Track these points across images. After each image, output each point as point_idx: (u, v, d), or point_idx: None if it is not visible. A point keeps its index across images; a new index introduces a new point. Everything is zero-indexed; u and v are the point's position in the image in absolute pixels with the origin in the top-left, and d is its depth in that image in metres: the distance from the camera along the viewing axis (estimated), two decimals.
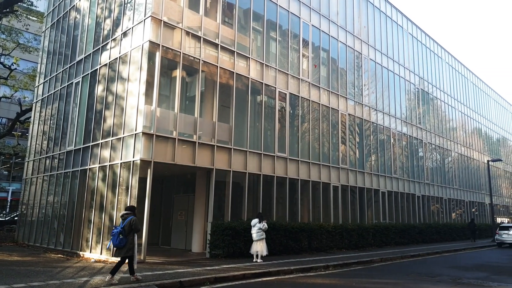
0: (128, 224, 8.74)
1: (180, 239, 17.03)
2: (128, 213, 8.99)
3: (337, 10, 22.44)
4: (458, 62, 36.74)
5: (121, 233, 8.62)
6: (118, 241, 8.60)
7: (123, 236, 8.63)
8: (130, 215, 8.95)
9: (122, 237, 8.61)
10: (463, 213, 33.51)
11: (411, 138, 27.58)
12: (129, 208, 9.25)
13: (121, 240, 8.59)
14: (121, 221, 8.97)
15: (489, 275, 11.81)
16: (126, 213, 9.01)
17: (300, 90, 19.00)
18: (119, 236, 8.60)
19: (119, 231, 8.65)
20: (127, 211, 9.07)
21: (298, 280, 10.39)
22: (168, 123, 13.89)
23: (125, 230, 8.69)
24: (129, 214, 8.98)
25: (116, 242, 8.61)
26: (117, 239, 8.59)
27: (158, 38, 13.63)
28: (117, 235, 8.61)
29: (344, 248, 18.18)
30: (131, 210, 9.11)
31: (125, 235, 8.65)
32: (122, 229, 8.68)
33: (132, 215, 8.96)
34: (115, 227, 8.99)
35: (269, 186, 16.86)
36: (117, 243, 8.61)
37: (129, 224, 8.74)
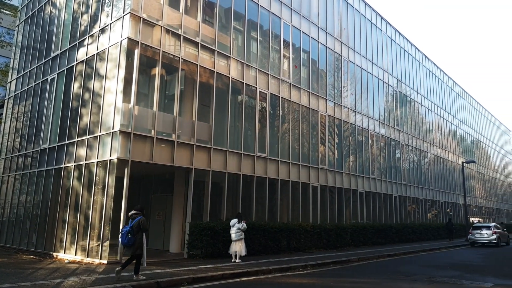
0: (136, 223, 9.10)
1: (157, 240, 16.79)
2: (137, 213, 9.32)
3: (317, 11, 22.61)
4: (434, 66, 37.60)
5: (129, 232, 8.97)
6: (126, 240, 8.96)
7: (132, 235, 8.98)
8: (139, 215, 9.29)
9: (130, 236, 8.96)
10: (438, 213, 34.32)
11: (389, 139, 28.04)
12: (138, 208, 9.52)
13: (129, 239, 8.95)
14: (129, 221, 9.29)
15: (462, 273, 12.10)
16: (135, 213, 9.33)
17: (281, 91, 19.05)
18: (128, 235, 8.96)
19: (128, 230, 9.00)
20: (136, 211, 9.36)
21: (276, 280, 10.39)
22: (147, 121, 13.68)
23: (134, 229, 9.04)
24: (138, 214, 9.31)
25: (125, 241, 8.98)
26: (126, 238, 8.95)
27: (137, 35, 13.40)
28: (126, 234, 8.97)
29: (323, 248, 18.31)
30: (140, 211, 9.42)
31: (133, 234, 9.00)
32: (131, 228, 9.03)
33: (140, 215, 9.30)
34: (124, 226, 9.34)
35: (249, 186, 16.82)
36: (125, 242, 8.98)
37: (137, 224, 9.10)
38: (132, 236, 9.00)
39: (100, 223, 12.52)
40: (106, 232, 12.27)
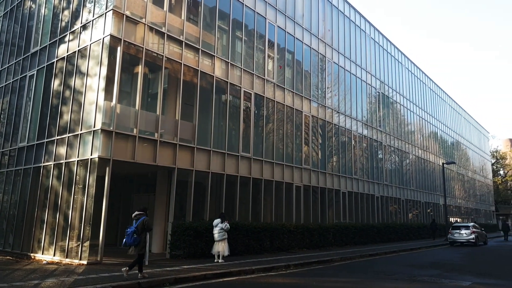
0: (141, 224, 9.39)
1: None
2: (141, 214, 9.61)
3: (302, 12, 22.70)
4: (416, 68, 38.20)
5: (135, 232, 9.26)
6: (132, 240, 9.23)
7: (137, 235, 9.27)
8: (143, 215, 9.59)
9: (136, 236, 9.26)
10: (419, 214, 34.88)
11: (371, 140, 28.36)
12: (141, 209, 9.83)
13: (135, 239, 9.24)
14: (134, 221, 9.56)
15: (442, 272, 12.31)
16: (139, 214, 9.62)
17: (265, 91, 19.05)
18: (133, 235, 9.24)
19: (133, 230, 9.27)
20: (140, 212, 9.66)
21: (259, 280, 10.37)
22: (129, 120, 13.48)
23: (138, 229, 9.32)
24: (142, 214, 9.60)
25: (130, 241, 9.24)
26: (131, 238, 9.22)
27: (120, 33, 13.20)
28: (132, 234, 9.24)
29: (305, 248, 18.38)
30: (143, 211, 9.73)
31: (138, 234, 9.30)
32: (136, 228, 9.31)
33: (144, 215, 9.61)
34: (129, 227, 9.52)
35: (233, 186, 16.76)
36: (131, 241, 9.24)
37: (142, 224, 9.40)
38: (138, 236, 9.29)
39: (80, 223, 12.28)
40: (87, 232, 12.05)
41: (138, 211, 9.72)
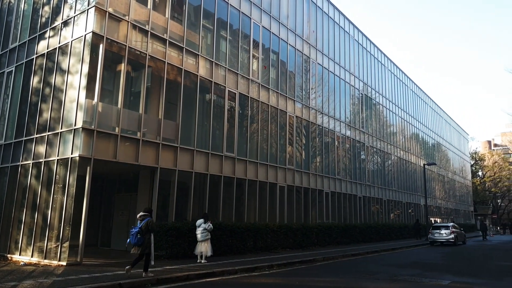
0: (145, 224, 9.68)
1: (121, 240, 16.28)
2: (145, 215, 9.91)
3: (287, 13, 22.76)
4: (399, 70, 38.77)
5: (139, 232, 9.54)
6: (136, 240, 9.51)
7: (141, 235, 9.55)
8: (147, 216, 9.88)
9: (140, 236, 9.53)
10: (401, 214, 35.38)
11: (354, 141, 28.64)
12: (146, 210, 10.17)
13: (139, 239, 9.51)
14: (138, 222, 9.87)
15: (422, 271, 12.50)
16: (143, 215, 9.91)
17: (250, 91, 19.02)
18: (137, 235, 9.52)
19: (137, 231, 9.55)
20: (144, 213, 9.97)
21: (242, 280, 10.33)
22: (111, 118, 13.27)
23: (142, 230, 9.60)
24: (146, 215, 9.90)
25: (134, 240, 9.53)
26: (135, 238, 9.51)
27: (103, 30, 12.98)
28: (136, 234, 9.53)
29: (289, 248, 18.42)
30: (148, 212, 10.05)
31: (142, 235, 9.57)
32: (140, 229, 9.59)
33: (149, 216, 9.90)
34: (133, 227, 9.80)
35: (216, 186, 16.68)
36: (135, 241, 9.53)
37: (146, 224, 9.69)
38: (142, 236, 9.55)
39: (59, 223, 12.02)
40: (66, 232, 11.80)
41: (143, 212, 10.03)
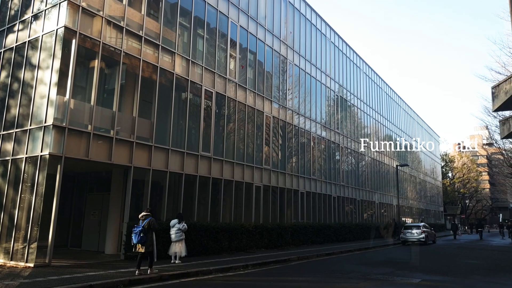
0: (147, 223, 10.16)
1: (92, 241, 15.95)
2: (147, 215, 10.37)
3: (265, 13, 22.80)
4: (374, 73, 39.51)
5: (142, 231, 9.99)
6: (139, 238, 9.95)
7: (144, 234, 10.00)
8: (149, 216, 10.35)
9: (143, 235, 9.98)
10: (373, 214, 36.06)
11: (329, 142, 28.99)
12: (148, 210, 10.65)
13: (142, 237, 9.95)
14: (140, 221, 10.33)
15: (394, 270, 12.76)
16: (145, 215, 10.38)
17: (227, 90, 18.94)
18: (141, 234, 9.97)
19: (140, 229, 10.01)
20: (146, 213, 10.44)
21: (217, 281, 10.28)
22: (83, 116, 12.93)
23: (145, 229, 10.07)
24: (148, 215, 10.37)
25: (138, 239, 9.95)
26: (139, 237, 9.95)
27: (75, 25, 12.62)
28: (139, 233, 9.98)
29: (264, 248, 18.45)
30: (150, 212, 10.55)
31: (145, 233, 10.03)
32: (143, 228, 10.04)
33: (150, 216, 10.37)
34: (136, 226, 10.23)
35: (191, 186, 16.52)
36: (139, 240, 9.95)
37: (148, 224, 10.16)
38: (145, 235, 10.01)
39: (27, 224, 11.61)
40: (34, 233, 11.41)
41: (145, 212, 10.51)
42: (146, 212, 10.56)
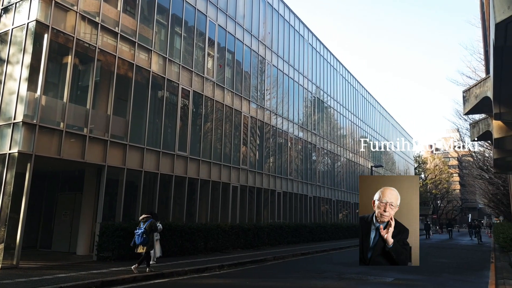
0: (149, 225, 10.63)
1: (63, 241, 15.50)
2: (148, 217, 10.86)
3: (243, 13, 22.77)
4: (350, 75, 40.12)
5: (144, 233, 10.45)
6: (142, 239, 10.43)
7: (146, 235, 10.47)
8: (150, 218, 10.83)
9: (145, 236, 10.45)
10: (348, 214, 36.62)
11: (306, 142, 29.23)
12: (148, 212, 11.24)
13: (144, 238, 10.44)
14: (141, 223, 10.76)
15: (368, 269, 12.95)
16: (146, 217, 10.87)
17: (204, 89, 18.80)
18: (143, 235, 10.43)
19: (142, 231, 10.47)
20: (147, 215, 10.94)
21: (192, 281, 10.19)
22: (55, 113, 12.56)
23: (147, 230, 10.53)
24: (149, 217, 10.85)
25: (140, 240, 10.43)
26: (141, 238, 10.43)
27: (48, 19, 12.23)
28: (141, 234, 10.45)
29: (240, 248, 18.41)
30: (151, 214, 11.08)
31: (147, 235, 10.51)
32: (144, 229, 10.51)
33: (151, 218, 10.86)
34: (138, 228, 10.69)
35: (167, 185, 16.31)
36: (141, 241, 10.43)
37: (149, 225, 10.64)
38: (147, 236, 10.47)
39: None
40: (1, 233, 10.99)
41: (146, 214, 10.99)
42: (146, 214, 11.04)
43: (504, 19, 4.65)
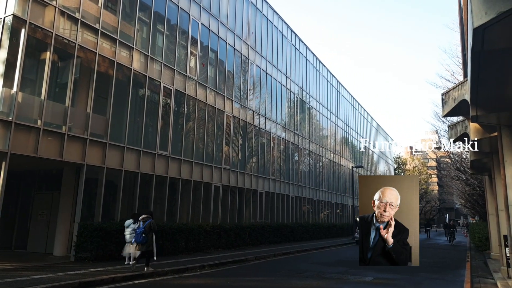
0: (148, 225, 10.90)
1: (39, 242, 15.13)
2: (147, 217, 11.16)
3: (227, 12, 22.69)
4: (332, 76, 40.48)
5: (143, 232, 10.76)
6: (141, 239, 10.75)
7: (145, 235, 10.77)
8: (149, 218, 11.13)
9: (145, 236, 10.75)
10: (329, 214, 36.95)
11: (289, 143, 29.36)
12: (147, 213, 11.49)
13: (144, 238, 10.75)
14: (141, 223, 11.03)
15: (348, 269, 13.11)
16: (145, 217, 11.16)
17: (187, 88, 18.65)
18: (143, 235, 10.75)
19: (142, 231, 10.79)
20: (146, 216, 11.21)
21: (172, 282, 10.09)
22: (32, 110, 12.25)
23: (146, 230, 10.83)
24: (148, 218, 11.14)
25: (140, 239, 10.76)
26: (141, 237, 10.76)
27: (25, 14, 11.92)
28: (141, 234, 10.77)
29: (222, 248, 18.35)
30: (149, 215, 11.37)
31: (146, 234, 10.79)
32: (144, 229, 10.81)
33: (150, 218, 11.16)
34: (138, 227, 11.00)
35: (148, 185, 16.12)
36: (140, 240, 10.75)
37: (149, 225, 10.91)
38: (146, 236, 10.77)
39: None
40: None
41: (145, 215, 11.27)
42: (145, 214, 11.34)
43: (481, 24, 4.74)
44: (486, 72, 6.33)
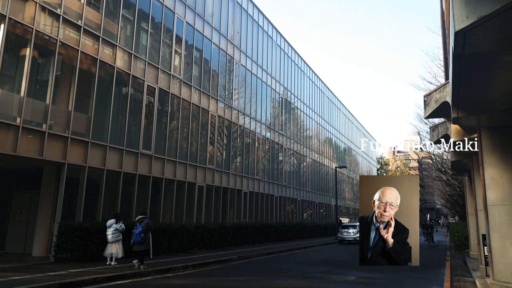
0: (145, 225, 11.29)
1: (17, 242, 14.75)
2: (143, 217, 11.54)
3: (212, 11, 22.59)
4: (317, 77, 40.76)
5: (141, 232, 11.11)
6: (140, 238, 11.08)
7: (143, 234, 11.12)
8: (145, 218, 11.51)
9: (143, 235, 11.10)
10: (313, 214, 37.18)
11: (273, 143, 29.42)
12: (143, 213, 12.00)
13: (142, 237, 11.10)
14: (138, 223, 11.39)
15: (331, 268, 13.20)
16: (142, 217, 11.55)
17: (171, 86, 18.49)
18: (141, 234, 11.10)
19: (140, 231, 11.14)
20: (142, 216, 11.63)
21: (154, 282, 9.99)
22: (11, 107, 11.96)
23: (143, 230, 11.18)
24: (144, 218, 11.53)
25: (138, 239, 11.08)
26: (139, 237, 11.09)
27: (5, 9, 11.63)
28: (139, 234, 11.11)
29: (205, 248, 18.26)
30: (145, 215, 11.83)
31: (144, 234, 11.16)
32: (141, 229, 11.17)
33: (146, 218, 11.55)
34: (135, 227, 11.32)
35: (130, 184, 15.91)
36: (139, 240, 11.07)
37: (146, 225, 11.30)
38: (144, 235, 11.11)
39: None
40: None
41: (141, 215, 11.67)
42: (141, 215, 11.71)
43: (462, 28, 4.82)
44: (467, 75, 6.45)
